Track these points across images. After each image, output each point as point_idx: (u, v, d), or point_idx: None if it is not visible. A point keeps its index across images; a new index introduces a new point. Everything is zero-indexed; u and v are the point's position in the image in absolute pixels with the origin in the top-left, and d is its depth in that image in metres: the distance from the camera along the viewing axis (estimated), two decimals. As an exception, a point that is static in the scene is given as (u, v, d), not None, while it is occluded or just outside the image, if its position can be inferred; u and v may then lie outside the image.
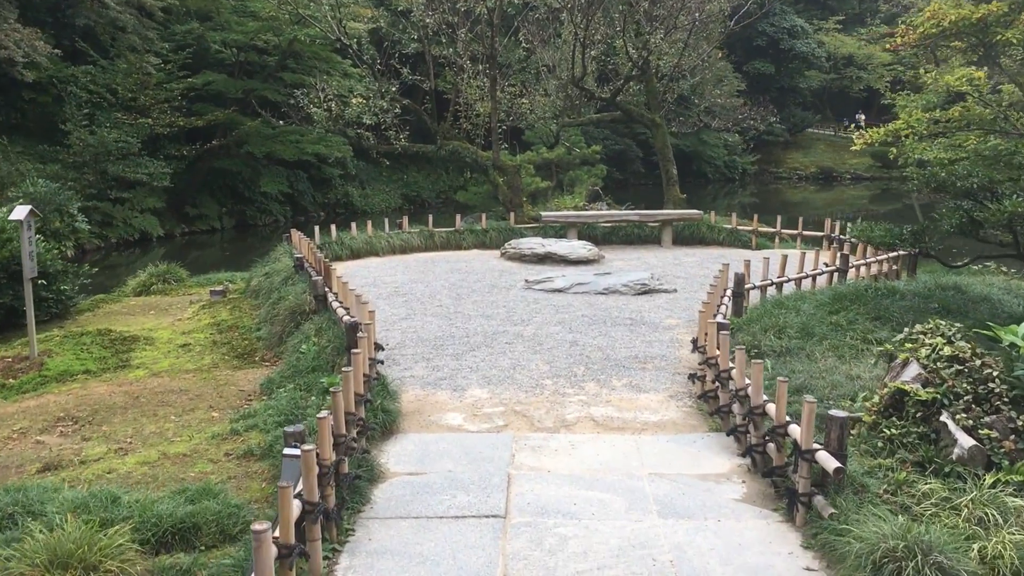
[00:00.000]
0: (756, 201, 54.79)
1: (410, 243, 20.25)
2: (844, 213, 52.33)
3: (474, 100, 26.04)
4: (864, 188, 60.35)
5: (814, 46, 62.96)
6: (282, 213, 41.02)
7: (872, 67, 65.06)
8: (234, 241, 37.16)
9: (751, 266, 14.13)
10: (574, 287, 14.98)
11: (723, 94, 30.68)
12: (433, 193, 49.32)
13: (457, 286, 15.52)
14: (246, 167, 38.81)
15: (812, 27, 65.04)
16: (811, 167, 63.79)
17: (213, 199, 38.67)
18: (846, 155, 64.86)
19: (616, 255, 19.14)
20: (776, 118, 38.44)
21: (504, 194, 24.49)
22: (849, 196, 58.16)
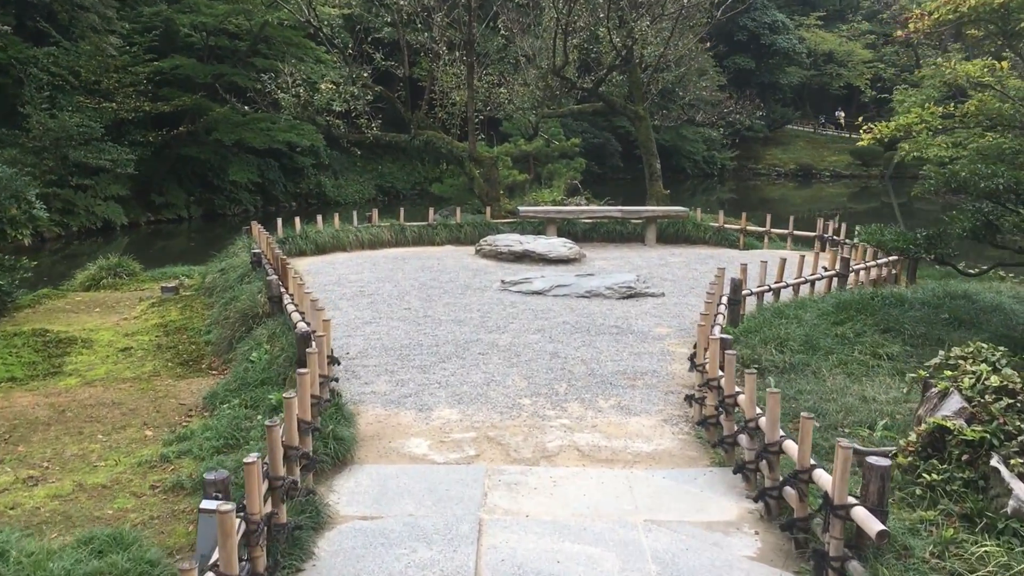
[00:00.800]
0: (734, 197, 53.84)
1: (380, 238, 18.97)
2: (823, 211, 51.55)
3: (450, 88, 24.74)
4: (843, 186, 59.53)
5: (795, 42, 62.02)
6: (252, 203, 39.54)
7: (852, 64, 64.20)
8: (202, 231, 35.66)
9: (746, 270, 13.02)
10: (554, 289, 13.77)
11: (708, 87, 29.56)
12: (408, 184, 47.96)
13: (428, 286, 14.27)
14: (215, 155, 37.30)
15: (793, 23, 64.09)
16: (790, 164, 62.88)
17: (180, 187, 37.15)
18: (825, 152, 64.15)
19: (598, 254, 17.95)
20: (762, 112, 37.36)
21: (480, 187, 23.24)
22: (828, 194, 57.31)
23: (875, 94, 64.22)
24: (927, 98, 17.91)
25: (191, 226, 36.71)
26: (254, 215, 38.45)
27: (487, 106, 26.48)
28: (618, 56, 22.91)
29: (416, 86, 27.40)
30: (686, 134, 56.93)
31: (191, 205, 37.24)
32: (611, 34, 22.52)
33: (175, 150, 35.69)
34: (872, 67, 62.90)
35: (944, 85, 17.97)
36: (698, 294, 13.90)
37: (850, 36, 65.13)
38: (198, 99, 33.97)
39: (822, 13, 66.93)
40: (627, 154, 55.85)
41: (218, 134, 35.63)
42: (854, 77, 64.03)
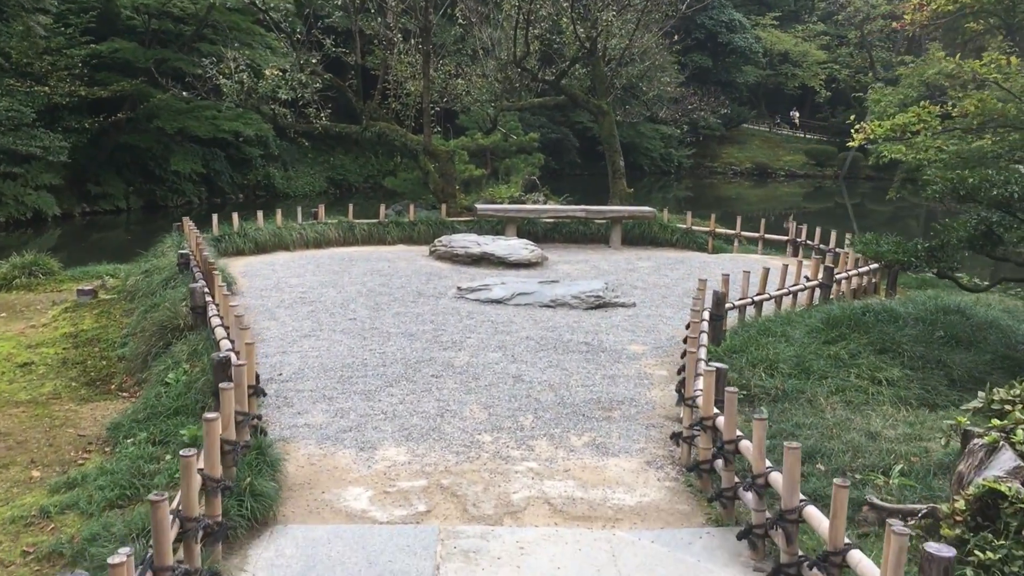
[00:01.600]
0: (691, 195, 53.02)
1: (326, 236, 17.49)
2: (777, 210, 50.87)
3: (405, 78, 23.32)
4: (798, 185, 58.98)
5: (752, 41, 61.25)
6: (196, 194, 37.67)
7: (807, 65, 63.65)
8: (142, 223, 33.77)
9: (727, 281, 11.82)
10: (515, 298, 12.44)
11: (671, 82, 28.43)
12: (361, 177, 46.26)
13: (376, 293, 12.86)
14: (156, 143, 35.37)
15: (750, 22, 63.36)
16: (746, 163, 62.14)
17: (119, 177, 35.16)
18: (781, 152, 63.56)
19: (560, 256, 16.65)
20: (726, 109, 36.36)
21: (435, 182, 21.84)
22: (783, 193, 56.73)
23: (829, 95, 63.89)
24: (905, 97, 16.88)
25: (130, 218, 34.81)
26: (198, 207, 36.74)
27: (443, 98, 25.10)
28: (582, 47, 21.62)
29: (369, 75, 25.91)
30: (644, 131, 55.87)
31: (130, 196, 35.29)
32: (575, 25, 21.25)
33: (113, 138, 33.72)
34: (826, 68, 62.43)
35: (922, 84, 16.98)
36: (672, 304, 12.66)
37: (805, 37, 64.61)
38: (138, 85, 32.05)
39: (778, 13, 66.31)
40: (585, 150, 54.71)
41: (159, 122, 33.74)
42: (808, 77, 63.49)
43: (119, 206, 34.72)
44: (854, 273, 13.55)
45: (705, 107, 26.89)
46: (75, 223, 31.87)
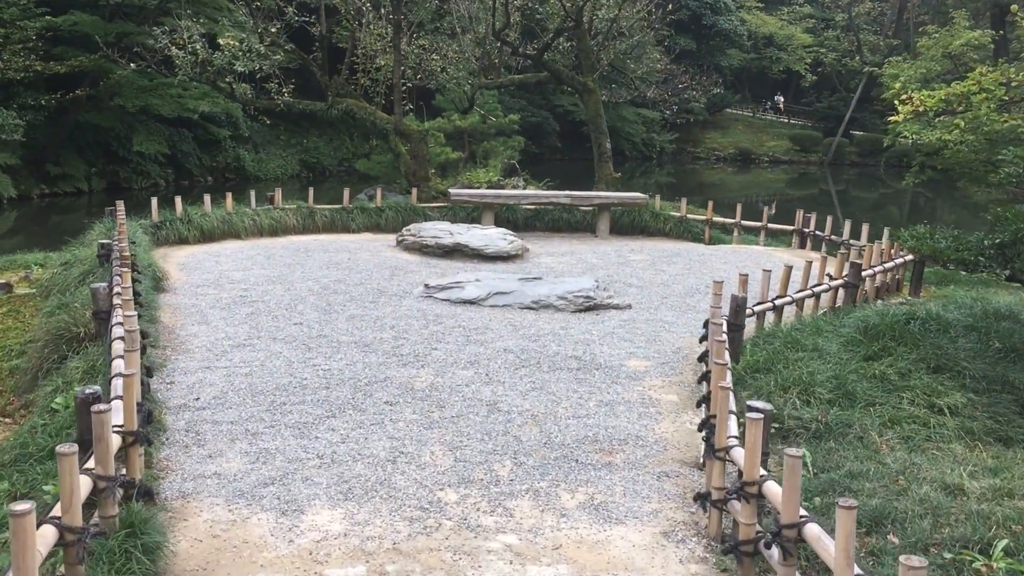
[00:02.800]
0: (673, 181, 51.34)
1: (283, 223, 15.51)
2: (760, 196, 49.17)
3: (375, 52, 21.28)
4: (782, 172, 57.29)
5: (736, 23, 59.38)
6: (162, 176, 35.51)
7: (792, 49, 61.83)
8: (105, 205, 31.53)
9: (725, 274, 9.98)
10: (492, 298, 10.53)
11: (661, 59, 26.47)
12: (335, 160, 44.13)
13: (330, 290, 10.90)
14: (119, 122, 33.17)
15: (734, 4, 61.44)
16: (729, 148, 60.32)
17: (80, 157, 32.98)
18: (764, 137, 61.83)
19: (543, 247, 14.75)
20: (720, 89, 34.50)
21: (407, 165, 19.87)
22: (766, 179, 55.07)
23: (815, 79, 62.13)
24: (928, 71, 15.07)
25: (92, 200, 32.60)
26: (164, 190, 34.72)
27: (417, 74, 23.08)
28: (567, 19, 19.67)
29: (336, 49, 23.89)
30: (626, 115, 54.02)
31: (92, 177, 33.13)
32: (559, -7, 19.31)
33: (73, 116, 31.51)
34: (812, 52, 60.66)
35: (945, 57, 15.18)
36: (673, 306, 10.79)
37: (791, 20, 62.79)
38: (97, 60, 29.81)
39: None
40: (566, 134, 52.86)
41: (120, 100, 31.58)
42: (793, 61, 61.72)
43: (80, 188, 32.60)
44: (879, 270, 11.73)
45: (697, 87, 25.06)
46: (33, 205, 29.78)
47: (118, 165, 33.99)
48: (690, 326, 9.76)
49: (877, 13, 59.35)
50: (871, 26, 59.86)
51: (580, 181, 45.54)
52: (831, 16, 60.74)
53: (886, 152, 57.50)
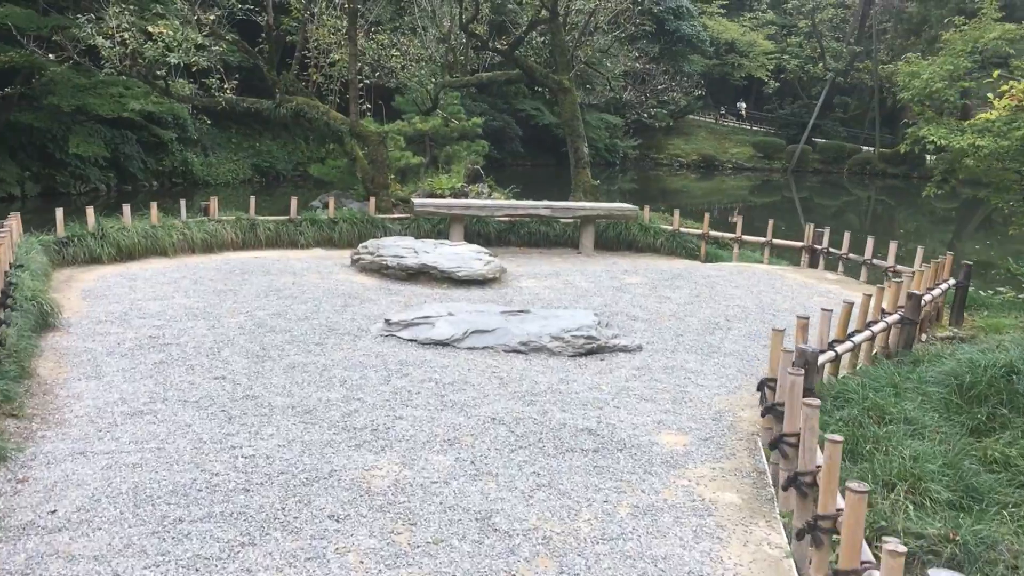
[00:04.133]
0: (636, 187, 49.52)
1: (219, 237, 13.11)
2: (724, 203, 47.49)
3: (328, 45, 18.93)
4: (745, 179, 55.63)
5: (699, 29, 57.68)
6: (104, 180, 32.69)
7: (754, 55, 60.35)
8: (39, 212, 28.59)
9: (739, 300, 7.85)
10: (470, 337, 8.28)
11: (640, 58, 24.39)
12: (289, 164, 41.47)
13: (267, 328, 8.57)
14: (55, 123, 30.33)
15: (696, 9, 59.75)
16: (693, 155, 58.56)
17: (12, 160, 30.08)
18: (727, 144, 60.24)
19: (522, 267, 12.52)
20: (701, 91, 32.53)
21: (364, 170, 17.55)
22: (729, 186, 53.44)
23: (777, 85, 60.67)
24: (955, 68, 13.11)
25: (26, 206, 29.74)
26: (105, 195, 32.13)
27: (375, 71, 20.79)
28: (541, 9, 17.47)
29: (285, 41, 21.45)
30: (589, 120, 52.00)
31: (26, 181, 30.26)
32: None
33: (4, 116, 28.71)
34: (774, 58, 59.21)
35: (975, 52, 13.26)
36: (692, 346, 8.59)
37: (753, 26, 61.30)
38: (27, 55, 27.03)
39: (725, 1, 62.86)
40: (528, 139, 50.76)
41: (55, 99, 28.82)
42: (755, 68, 60.25)
43: (12, 192, 29.68)
44: (929, 299, 9.67)
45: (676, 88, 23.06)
46: (-44, 212, 26.92)
47: (54, 169, 31.14)
48: (721, 376, 7.60)
49: (839, 20, 58.03)
50: (833, 33, 58.52)
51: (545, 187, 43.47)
52: (794, 23, 59.34)
53: (849, 160, 56.22)
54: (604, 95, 23.56)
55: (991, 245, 35.48)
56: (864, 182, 54.64)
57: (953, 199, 51.03)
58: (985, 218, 44.54)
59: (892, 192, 51.94)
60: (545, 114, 50.56)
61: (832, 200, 50.78)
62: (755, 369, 7.85)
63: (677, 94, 23.56)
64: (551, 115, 50.92)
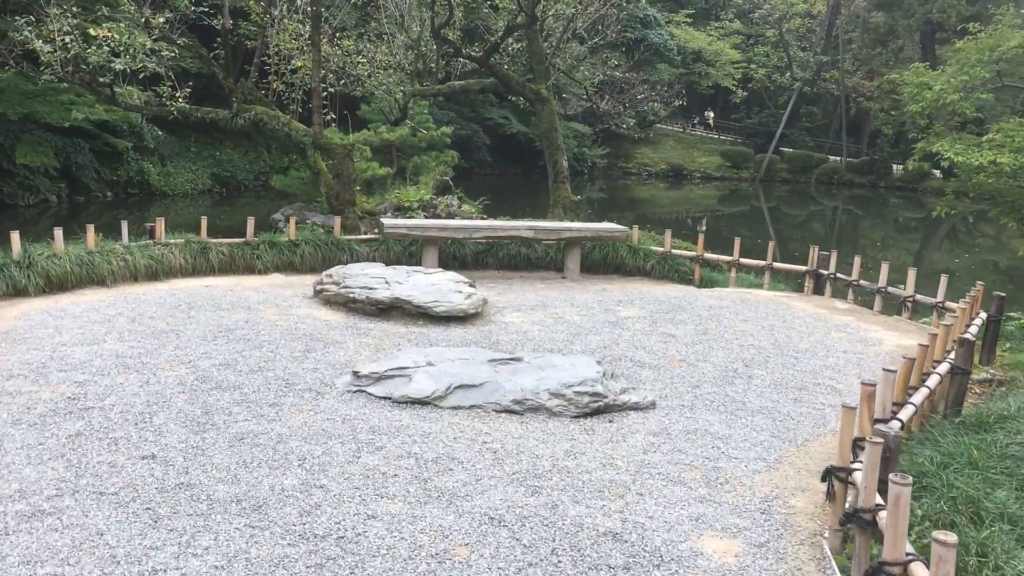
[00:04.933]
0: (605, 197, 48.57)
1: (166, 263, 11.64)
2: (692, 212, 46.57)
3: (290, 50, 17.51)
4: (714, 188, 54.80)
5: (667, 38, 56.78)
6: (54, 191, 30.82)
7: (720, 64, 59.55)
8: (-16, 226, 27.06)
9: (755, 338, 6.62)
10: (454, 394, 6.93)
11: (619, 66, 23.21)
12: (251, 175, 39.75)
13: (212, 383, 7.13)
14: (2, 132, 28.56)
15: (663, 18, 58.86)
16: (661, 164, 57.59)
17: (-43, 171, 28.36)
18: (695, 153, 59.41)
19: (504, 296, 11.19)
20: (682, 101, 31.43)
21: (329, 185, 16.13)
22: (697, 195, 52.56)
23: (745, 95, 59.92)
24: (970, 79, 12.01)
25: (-30, 220, 28.05)
26: (56, 207, 30.39)
27: (340, 79, 19.38)
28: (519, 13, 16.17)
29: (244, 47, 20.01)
30: (557, 128, 50.91)
31: (-29, 192, 28.57)
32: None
33: (-54, 124, 26.96)
34: (741, 68, 58.47)
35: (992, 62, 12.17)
36: (712, 401, 7.28)
37: (720, 35, 60.54)
38: (-32, 61, 25.30)
39: (692, 10, 62.05)
40: (496, 148, 49.50)
41: (0, 107, 27.06)
42: (722, 77, 59.45)
43: (-43, 204, 28.02)
44: (969, 339, 8.48)
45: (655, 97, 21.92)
46: None
47: (1, 180, 29.35)
48: (754, 443, 6.32)
49: (806, 30, 57.42)
50: (799, 42, 57.91)
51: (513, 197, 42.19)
52: (761, 32, 58.64)
53: (816, 169, 55.57)
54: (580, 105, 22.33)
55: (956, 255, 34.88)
56: (832, 192, 54.06)
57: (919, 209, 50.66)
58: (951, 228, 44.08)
59: (859, 202, 51.38)
60: (513, 123, 49.36)
61: (800, 210, 50.13)
62: (792, 432, 6.58)
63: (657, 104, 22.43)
64: (519, 124, 49.72)
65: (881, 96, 54.90)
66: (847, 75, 54.08)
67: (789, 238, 37.84)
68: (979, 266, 31.53)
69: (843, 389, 7.62)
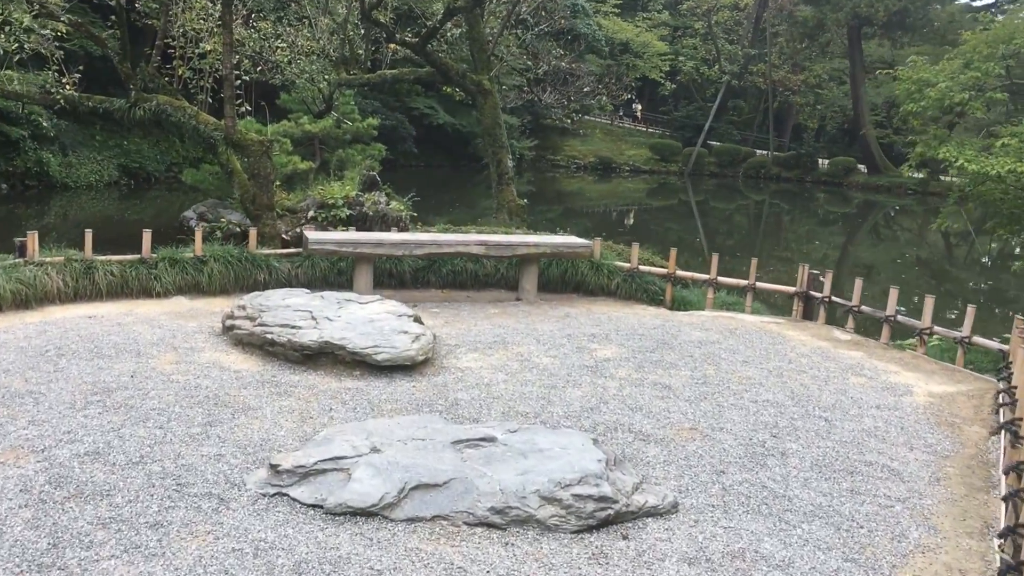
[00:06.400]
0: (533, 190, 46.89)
1: (40, 288, 9.41)
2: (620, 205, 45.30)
3: (198, 32, 15.22)
4: (642, 181, 53.62)
5: (595, 28, 55.24)
6: (-60, 184, 27.88)
7: (648, 56, 58.31)
8: None
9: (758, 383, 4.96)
10: (409, 498, 5.00)
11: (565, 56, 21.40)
12: (162, 165, 36.84)
13: (71, 488, 5.00)
14: None
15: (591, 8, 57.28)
16: (589, 156, 56.12)
17: None
18: (624, 146, 58.17)
19: (453, 327, 9.26)
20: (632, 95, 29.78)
21: (244, 187, 13.95)
22: (625, 189, 51.37)
23: (673, 87, 58.84)
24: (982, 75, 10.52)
25: None
26: (-58, 201, 27.48)
27: (257, 66, 17.14)
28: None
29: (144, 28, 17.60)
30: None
31: None
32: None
33: None
34: (668, 60, 57.36)
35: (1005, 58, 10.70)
36: (745, 497, 5.41)
37: (648, 27, 59.30)
38: None
39: (619, 1, 60.64)
40: (422, 139, 47.29)
41: None
42: (649, 69, 58.24)
43: None
44: None
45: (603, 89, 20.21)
46: None
47: None
48: (825, 573, 4.58)
49: (734, 22, 56.56)
50: (728, 35, 57.03)
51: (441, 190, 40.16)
52: (689, 24, 57.59)
53: (744, 163, 54.87)
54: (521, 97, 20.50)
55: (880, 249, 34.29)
56: (759, 186, 53.42)
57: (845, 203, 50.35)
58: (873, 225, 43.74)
59: (786, 196, 50.83)
60: (440, 113, 47.25)
61: (728, 203, 49.38)
62: (868, 551, 4.83)
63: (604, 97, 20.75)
64: (447, 115, 47.66)
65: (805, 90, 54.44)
66: (774, 69, 53.38)
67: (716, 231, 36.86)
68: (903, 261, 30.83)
69: (902, 470, 5.94)
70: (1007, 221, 11.19)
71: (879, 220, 46.49)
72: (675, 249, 11.48)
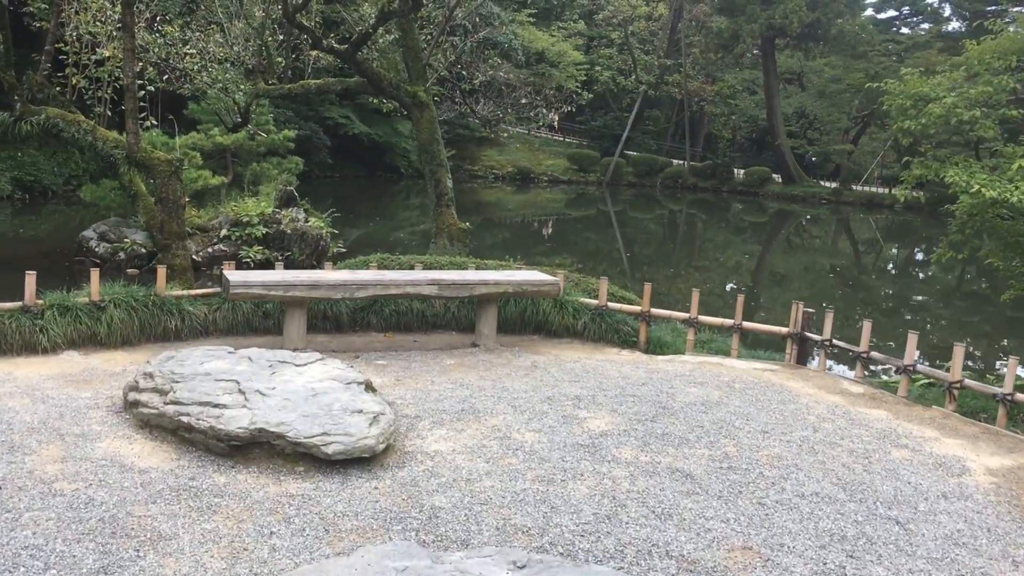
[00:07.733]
0: (452, 200, 45.18)
1: None
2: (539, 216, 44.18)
3: (95, 36, 13.22)
4: (561, 192, 52.62)
5: (511, 37, 53.97)
6: None
7: (564, 66, 57.30)
8: None
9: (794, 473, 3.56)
10: None
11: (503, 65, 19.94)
12: (60, 178, 33.92)
13: None
14: None
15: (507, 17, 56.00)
16: (508, 167, 54.80)
17: None
18: (542, 156, 57.09)
19: (407, 390, 7.63)
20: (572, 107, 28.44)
21: (150, 213, 12.03)
22: (544, 199, 50.33)
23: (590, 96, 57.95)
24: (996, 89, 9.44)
25: None
26: None
27: (163, 74, 15.15)
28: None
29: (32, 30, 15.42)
30: (400, 129, 47.28)
31: None
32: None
33: None
34: (584, 69, 56.47)
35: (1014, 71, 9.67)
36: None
37: (563, 36, 58.32)
38: None
39: (534, 10, 59.51)
40: (336, 149, 45.21)
41: None
42: (565, 79, 57.21)
43: None
44: None
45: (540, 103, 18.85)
46: None
47: None
48: None
49: (649, 33, 56.04)
50: (643, 45, 56.49)
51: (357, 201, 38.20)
52: (605, 34, 56.83)
53: (661, 173, 54.35)
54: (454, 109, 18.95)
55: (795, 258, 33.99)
56: (677, 195, 53.00)
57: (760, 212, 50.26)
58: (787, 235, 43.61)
59: (703, 206, 50.48)
60: (355, 123, 45.27)
61: (646, 213, 48.82)
62: None
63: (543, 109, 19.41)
64: (362, 124, 45.73)
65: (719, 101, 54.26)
66: (688, 79, 53.01)
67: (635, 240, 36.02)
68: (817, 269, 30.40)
69: (1015, 599, 4.59)
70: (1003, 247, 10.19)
71: (791, 230, 46.45)
72: (649, 284, 10.07)
